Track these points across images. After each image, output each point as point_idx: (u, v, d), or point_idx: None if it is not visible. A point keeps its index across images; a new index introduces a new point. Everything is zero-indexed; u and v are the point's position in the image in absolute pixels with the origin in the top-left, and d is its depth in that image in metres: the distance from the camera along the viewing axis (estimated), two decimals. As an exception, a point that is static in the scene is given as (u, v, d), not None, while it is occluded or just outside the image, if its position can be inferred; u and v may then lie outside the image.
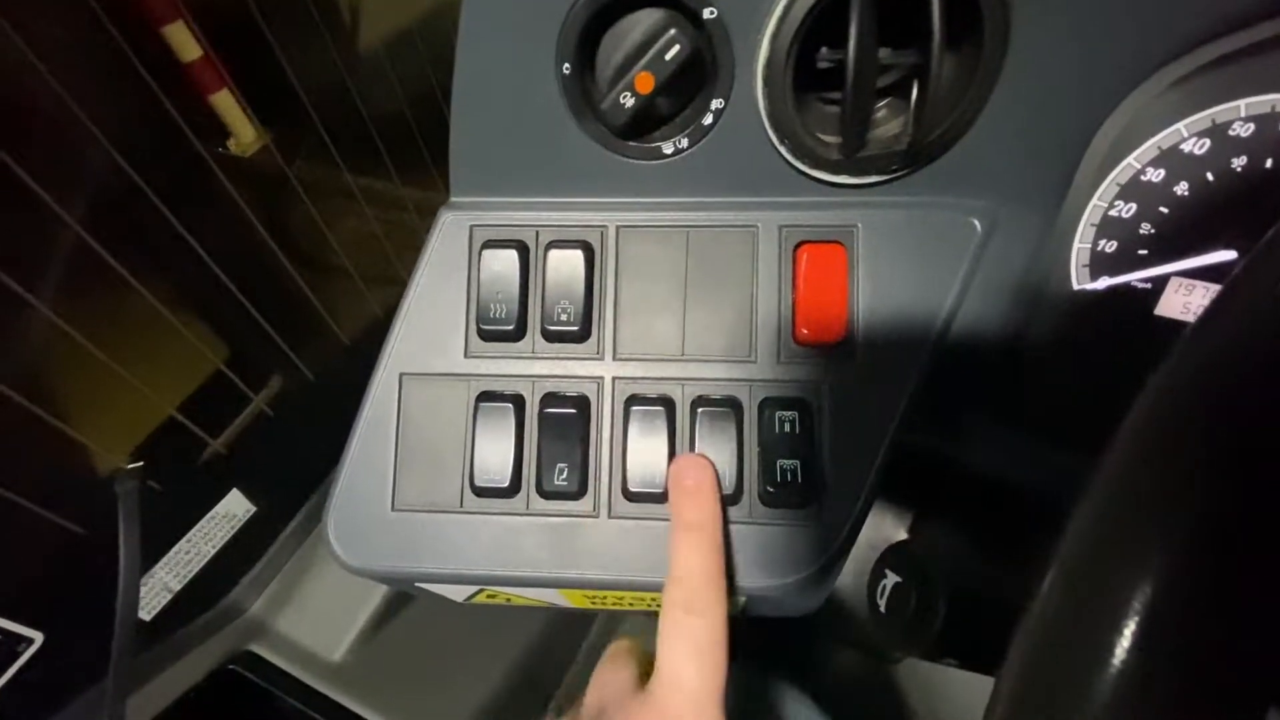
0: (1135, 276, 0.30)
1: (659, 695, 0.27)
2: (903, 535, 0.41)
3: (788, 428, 0.30)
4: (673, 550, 0.29)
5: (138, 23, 0.51)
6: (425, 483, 0.32)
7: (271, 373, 0.66)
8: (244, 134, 0.63)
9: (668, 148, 0.31)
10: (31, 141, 0.43)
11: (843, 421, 0.30)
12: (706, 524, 0.29)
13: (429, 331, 0.33)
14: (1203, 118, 0.28)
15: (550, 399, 0.32)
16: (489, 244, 0.33)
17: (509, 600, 0.35)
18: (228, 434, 0.61)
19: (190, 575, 0.58)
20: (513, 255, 0.32)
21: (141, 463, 0.49)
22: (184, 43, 0.55)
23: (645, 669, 0.30)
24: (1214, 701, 0.13)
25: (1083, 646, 0.13)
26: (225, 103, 0.61)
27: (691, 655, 0.26)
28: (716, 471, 0.30)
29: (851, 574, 0.42)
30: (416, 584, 0.34)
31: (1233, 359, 0.15)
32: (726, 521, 0.30)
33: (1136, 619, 0.13)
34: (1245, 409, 0.14)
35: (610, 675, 0.31)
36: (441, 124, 0.31)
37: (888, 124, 0.30)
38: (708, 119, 0.30)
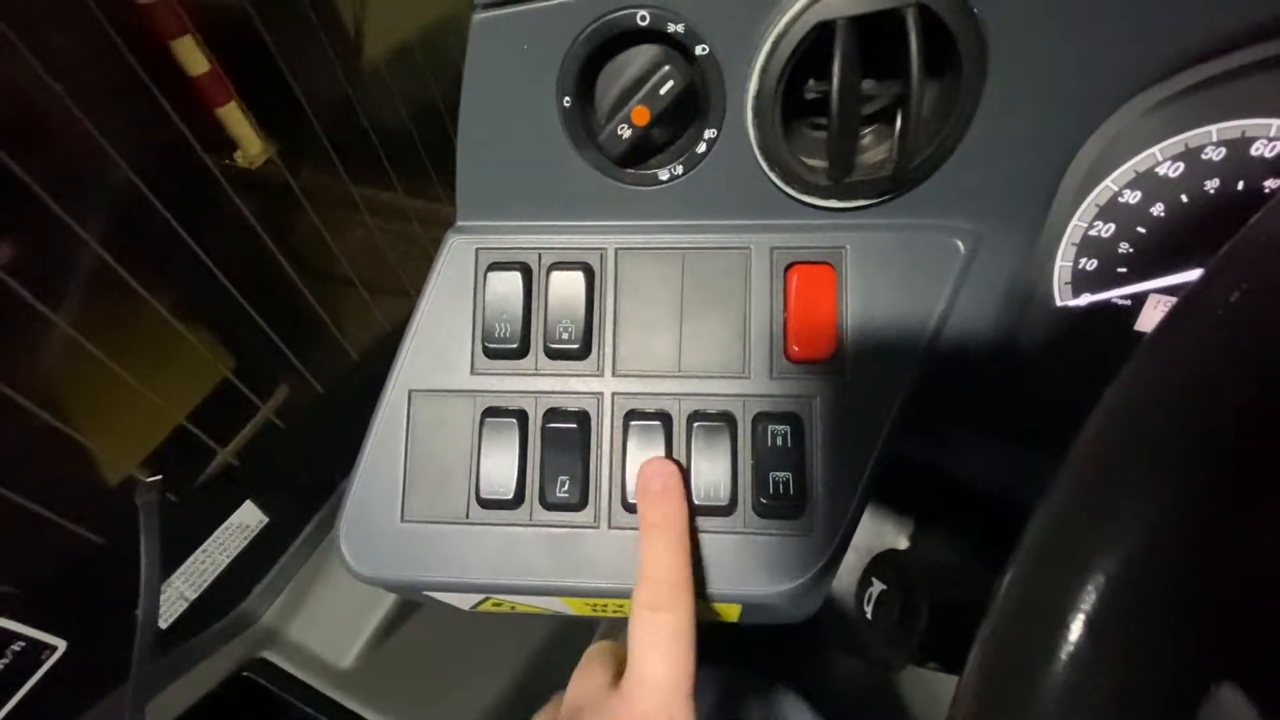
0: (1115, 293, 0.31)
1: (629, 691, 0.28)
2: (890, 545, 0.42)
3: (780, 441, 0.31)
4: (641, 551, 0.30)
5: (145, 38, 0.52)
6: (433, 495, 0.33)
7: (278, 382, 0.67)
8: (251, 146, 0.64)
9: (664, 174, 0.32)
10: (44, 155, 0.44)
11: (833, 435, 0.32)
12: (671, 524, 0.30)
13: (437, 350, 0.34)
14: (1176, 142, 0.29)
15: (552, 414, 0.33)
16: (494, 266, 0.34)
17: (514, 608, 0.37)
18: (236, 443, 0.62)
19: (205, 584, 0.59)
20: (516, 276, 0.34)
21: (160, 475, 0.50)
22: (191, 57, 0.56)
23: (621, 669, 0.31)
24: (1155, 695, 0.14)
25: (1032, 644, 0.14)
26: (232, 116, 0.62)
27: (658, 650, 0.28)
28: (683, 475, 0.31)
29: (845, 582, 0.43)
30: (424, 593, 0.35)
31: (1182, 372, 0.16)
32: (721, 532, 0.31)
33: (1082, 617, 0.14)
34: (1191, 417, 0.15)
35: (587, 677, 0.32)
36: (444, 137, 0.33)
37: (873, 150, 0.32)
38: (701, 147, 0.31)
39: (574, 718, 0.29)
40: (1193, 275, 0.30)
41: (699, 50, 0.29)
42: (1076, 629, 0.14)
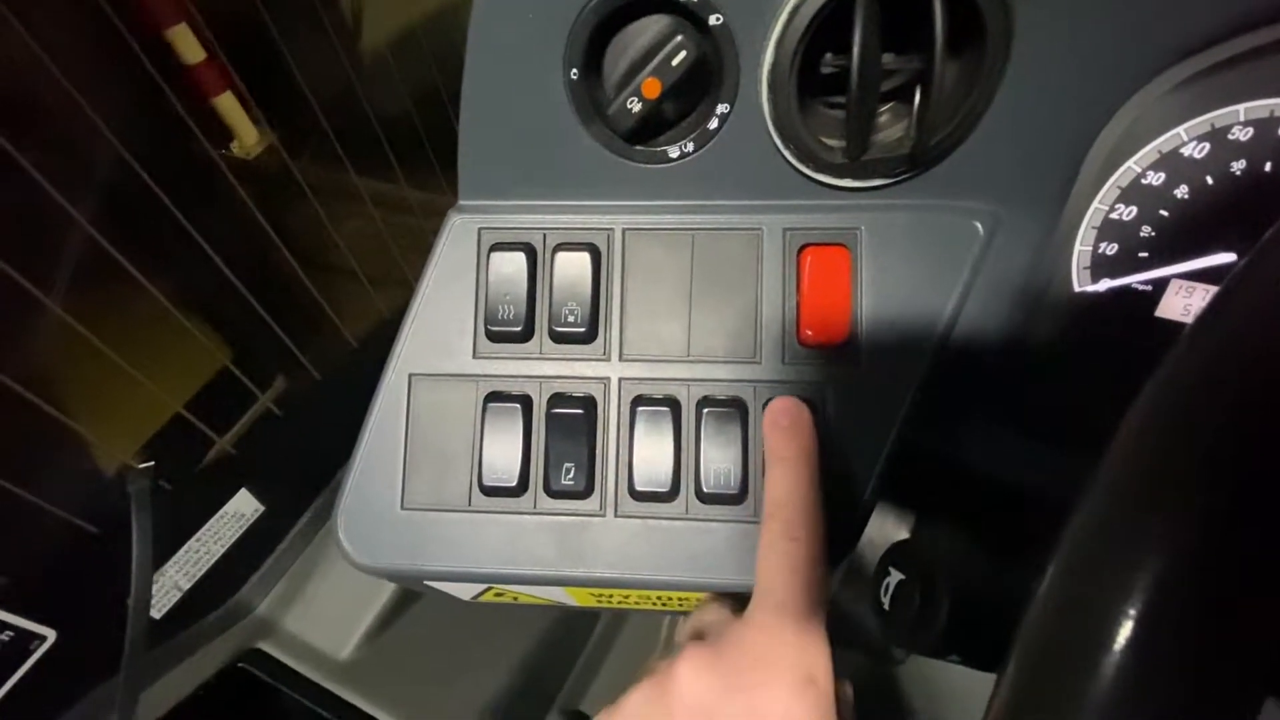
0: (1136, 279, 0.31)
1: (762, 618, 0.26)
2: (906, 534, 0.41)
3: (792, 428, 0.31)
4: (769, 483, 0.29)
5: (141, 25, 0.51)
6: (434, 482, 0.32)
7: (277, 371, 0.66)
8: (247, 136, 0.63)
9: (674, 152, 0.31)
10: (42, 140, 0.44)
11: (846, 422, 0.31)
12: (801, 456, 0.29)
13: (438, 332, 0.33)
14: (1202, 122, 0.28)
15: (557, 399, 0.32)
16: (497, 246, 0.33)
17: (516, 599, 0.36)
18: (234, 432, 0.62)
19: (200, 574, 0.59)
20: (520, 257, 0.33)
21: (153, 462, 0.49)
22: (188, 45, 0.56)
23: (737, 612, 0.29)
24: (1209, 702, 0.13)
25: (1079, 646, 0.14)
26: (228, 105, 0.61)
27: (790, 574, 0.26)
28: (811, 412, 0.30)
29: (857, 573, 0.42)
30: (425, 582, 0.34)
31: (1230, 360, 0.15)
32: (731, 520, 0.31)
33: (1132, 619, 0.13)
34: (1243, 409, 0.15)
35: (702, 611, 0.31)
36: (446, 125, 0.32)
37: (891, 128, 0.31)
38: (713, 123, 0.31)
39: (698, 648, 0.27)
40: (1218, 260, 0.30)
41: (712, 20, 0.28)
42: (1124, 634, 0.13)
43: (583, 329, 0.32)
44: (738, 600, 0.31)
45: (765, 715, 0.24)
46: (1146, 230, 0.30)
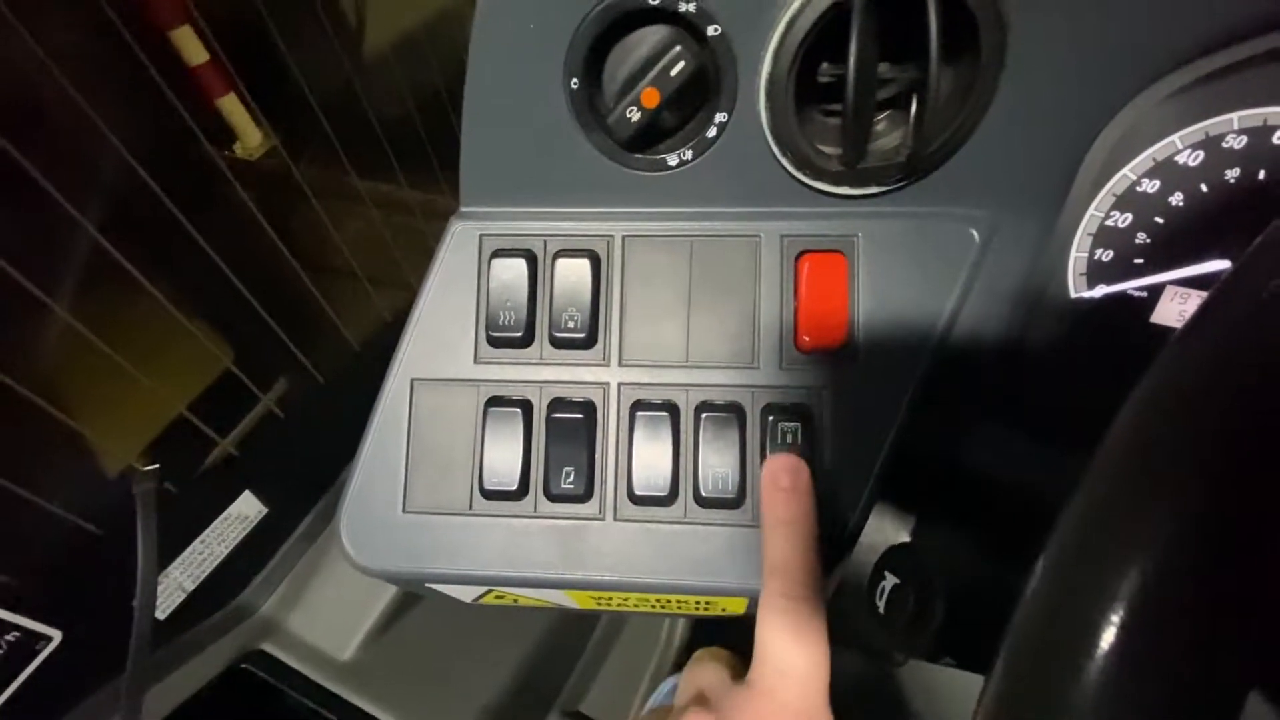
0: (1131, 285, 0.31)
1: (766, 681, 0.26)
2: (903, 537, 0.42)
3: (790, 433, 0.31)
4: (768, 545, 0.29)
5: (144, 28, 0.51)
6: (435, 485, 0.33)
7: (279, 373, 0.66)
8: (250, 138, 0.64)
9: (672, 160, 0.32)
10: (46, 143, 0.44)
11: (844, 427, 0.31)
12: (801, 519, 0.29)
13: (439, 338, 0.33)
14: (1196, 130, 0.28)
15: (558, 404, 0.32)
16: (498, 253, 0.33)
17: (516, 601, 0.36)
18: (236, 433, 0.62)
19: (203, 575, 0.59)
20: (521, 264, 0.33)
21: (158, 464, 0.49)
22: (191, 47, 0.56)
23: (733, 672, 0.30)
24: (1193, 697, 0.14)
25: (1066, 645, 0.14)
26: (231, 106, 0.61)
27: (797, 640, 0.26)
28: (810, 471, 0.30)
29: (853, 577, 0.43)
30: (426, 584, 0.34)
31: (1219, 363, 0.16)
32: (729, 525, 0.31)
33: (1115, 620, 0.13)
34: (1230, 415, 0.15)
35: (704, 673, 0.31)
36: (447, 128, 0.32)
37: (888, 136, 0.31)
38: (711, 132, 0.31)
39: (701, 711, 0.27)
40: (1212, 266, 0.30)
41: (711, 31, 0.28)
42: (1109, 633, 0.13)
43: (582, 335, 0.32)
44: (737, 657, 0.31)
45: None
46: (1142, 237, 0.30)
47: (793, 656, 0.26)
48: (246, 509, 0.62)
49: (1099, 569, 0.14)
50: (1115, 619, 0.14)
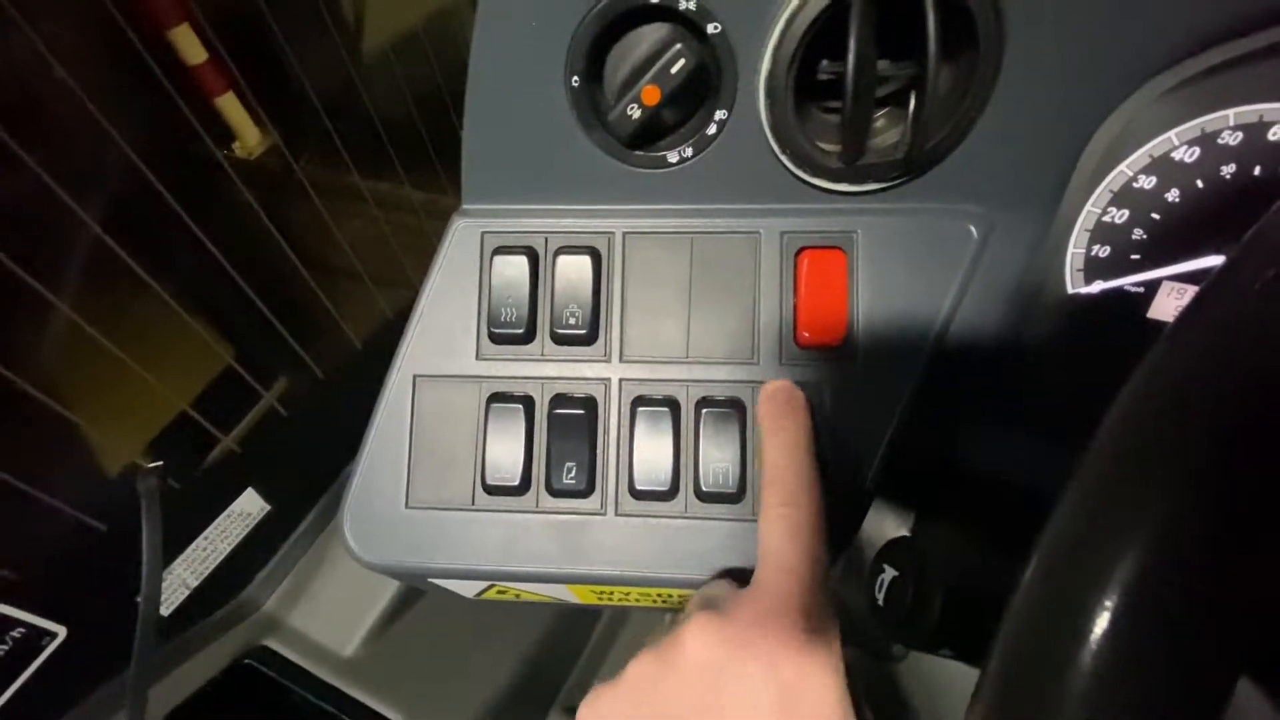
0: (1128, 281, 0.31)
1: (766, 578, 0.27)
2: (902, 531, 0.42)
3: (789, 428, 0.31)
4: (765, 456, 0.30)
5: (144, 26, 0.51)
6: (438, 481, 0.33)
7: (281, 370, 0.67)
8: (249, 137, 0.63)
9: (673, 157, 0.32)
10: (47, 140, 0.44)
11: (843, 421, 0.31)
12: (796, 428, 0.30)
13: (442, 334, 0.34)
14: (1192, 126, 0.28)
15: (559, 400, 0.33)
16: (500, 250, 0.34)
17: (518, 596, 0.36)
18: (239, 430, 0.62)
19: (207, 572, 0.59)
20: (523, 261, 0.33)
21: (161, 461, 0.50)
22: (190, 46, 0.56)
23: (742, 585, 0.30)
24: (1186, 686, 0.14)
25: (1060, 634, 0.14)
26: (230, 105, 0.61)
27: (797, 541, 0.27)
28: (806, 395, 0.31)
29: (853, 570, 0.43)
30: (429, 579, 0.35)
31: (1212, 355, 0.16)
32: (729, 519, 0.31)
33: (1111, 606, 0.14)
34: (1221, 406, 0.15)
35: (709, 586, 0.31)
36: (448, 125, 0.32)
37: (886, 133, 0.31)
38: (712, 129, 0.31)
39: (706, 612, 0.27)
40: (1208, 262, 0.30)
41: (711, 29, 0.29)
42: (1101, 626, 0.14)
43: (584, 331, 0.33)
44: (743, 577, 0.31)
45: (778, 669, 0.24)
46: (1138, 233, 0.30)
47: (791, 556, 0.27)
48: (249, 506, 0.62)
49: (1091, 562, 0.15)
50: (1107, 610, 0.14)
